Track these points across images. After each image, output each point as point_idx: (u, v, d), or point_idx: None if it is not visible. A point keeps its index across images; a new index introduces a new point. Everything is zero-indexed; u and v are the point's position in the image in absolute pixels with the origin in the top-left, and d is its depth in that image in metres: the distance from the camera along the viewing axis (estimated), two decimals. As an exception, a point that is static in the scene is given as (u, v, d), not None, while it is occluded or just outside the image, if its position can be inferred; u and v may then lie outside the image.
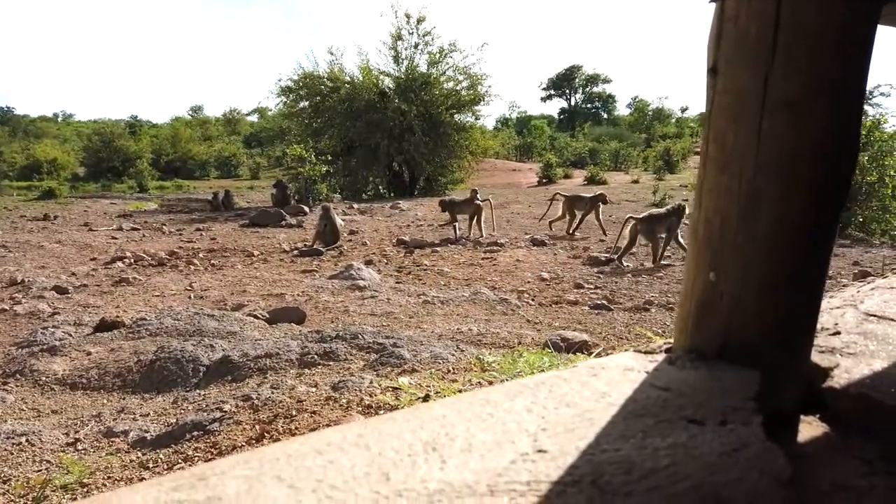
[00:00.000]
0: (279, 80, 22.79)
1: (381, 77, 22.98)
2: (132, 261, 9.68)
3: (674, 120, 72.27)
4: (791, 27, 0.75)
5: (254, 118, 64.57)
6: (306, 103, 22.82)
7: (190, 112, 75.40)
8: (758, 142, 0.80)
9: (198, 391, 4.00)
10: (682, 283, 0.95)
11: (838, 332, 1.09)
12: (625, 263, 8.73)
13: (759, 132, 0.80)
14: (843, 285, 3.91)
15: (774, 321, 0.84)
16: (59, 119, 78.84)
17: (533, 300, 7.10)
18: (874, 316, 1.19)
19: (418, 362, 3.89)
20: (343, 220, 13.78)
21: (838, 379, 0.89)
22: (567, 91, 79.57)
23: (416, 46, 22.67)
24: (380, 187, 23.07)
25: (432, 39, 22.69)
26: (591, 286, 7.66)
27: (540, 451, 0.61)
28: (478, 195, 11.80)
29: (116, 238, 12.24)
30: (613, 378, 0.82)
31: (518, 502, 0.52)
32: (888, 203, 14.62)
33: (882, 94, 61.70)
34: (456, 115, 23.35)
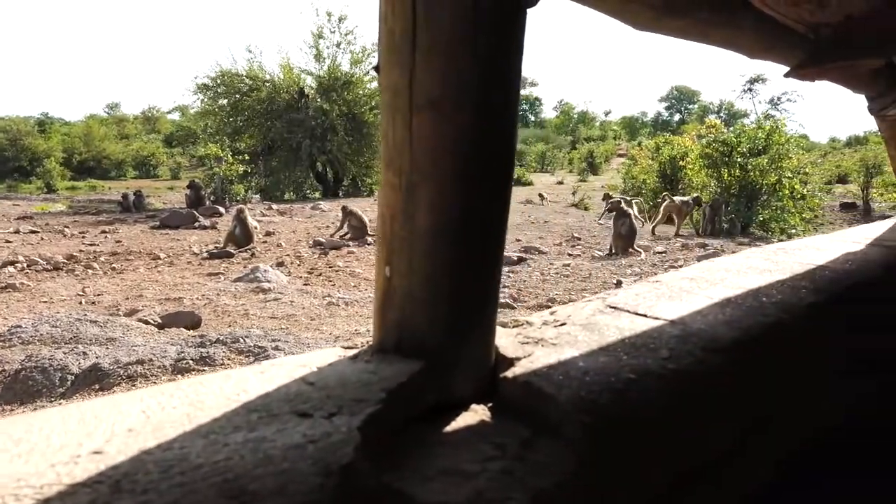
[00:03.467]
0: (196, 78, 22.09)
1: (303, 76, 22.63)
2: (24, 265, 9.13)
3: (598, 123, 74.53)
4: (427, 26, 0.77)
5: (175, 116, 62.16)
6: (225, 101, 22.18)
7: (106, 109, 71.92)
8: (410, 139, 0.81)
9: (62, 401, 3.80)
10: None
11: (564, 324, 1.13)
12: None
13: (410, 129, 0.81)
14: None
15: (441, 312, 0.86)
16: (-39, 115, 73.39)
17: (439, 300, 7.14)
18: (613, 308, 1.24)
19: (295, 365, 3.82)
20: (260, 221, 13.45)
21: (517, 368, 0.92)
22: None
23: (338, 45, 22.46)
24: (303, 188, 22.68)
25: (355, 38, 22.54)
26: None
27: (96, 452, 0.59)
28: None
29: (11, 241, 11.53)
30: (276, 375, 0.82)
31: (7, 506, 0.50)
32: (786, 203, 15.53)
33: (789, 100, 65.57)
34: (380, 116, 23.25)
